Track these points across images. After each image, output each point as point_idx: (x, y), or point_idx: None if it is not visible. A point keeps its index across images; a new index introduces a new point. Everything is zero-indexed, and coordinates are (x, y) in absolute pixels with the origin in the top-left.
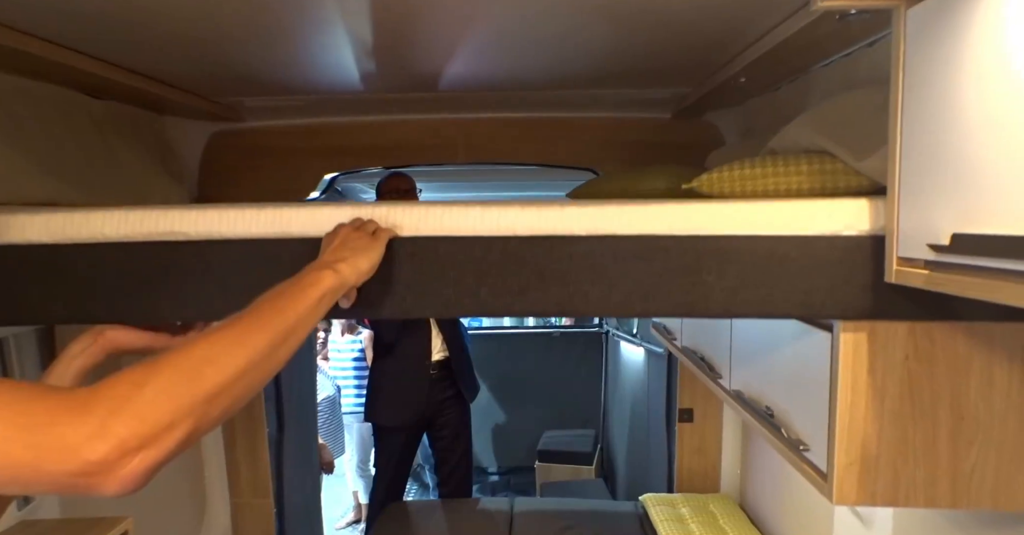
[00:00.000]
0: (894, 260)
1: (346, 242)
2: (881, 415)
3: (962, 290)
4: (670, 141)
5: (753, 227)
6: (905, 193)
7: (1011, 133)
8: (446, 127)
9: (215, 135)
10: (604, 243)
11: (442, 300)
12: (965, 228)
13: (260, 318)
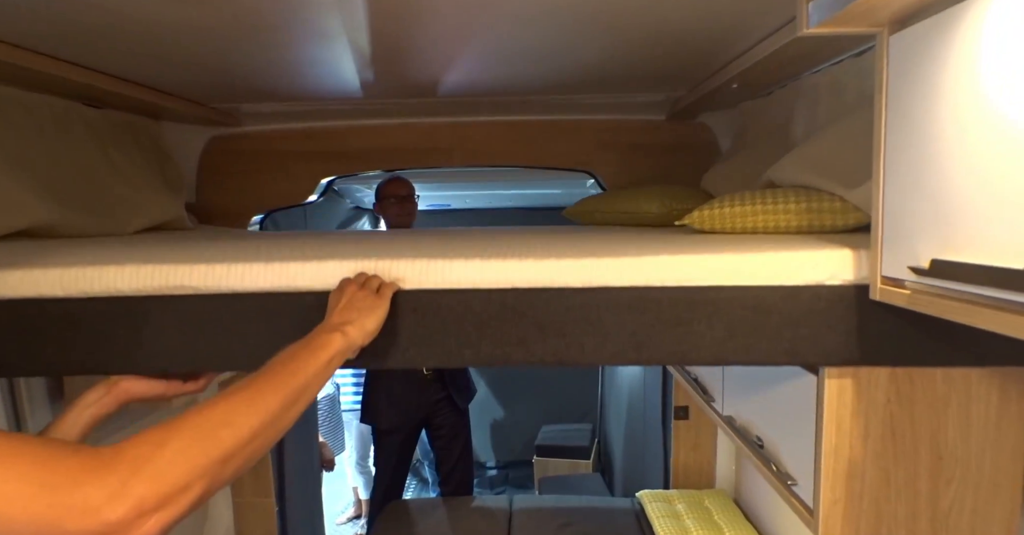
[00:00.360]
0: (878, 279)
1: (352, 302)
2: (864, 455)
3: (941, 312)
4: (664, 142)
5: (741, 278)
6: (888, 214)
7: (986, 166)
8: (441, 131)
9: (213, 140)
10: (599, 295)
11: (444, 351)
12: (943, 254)
13: (273, 380)
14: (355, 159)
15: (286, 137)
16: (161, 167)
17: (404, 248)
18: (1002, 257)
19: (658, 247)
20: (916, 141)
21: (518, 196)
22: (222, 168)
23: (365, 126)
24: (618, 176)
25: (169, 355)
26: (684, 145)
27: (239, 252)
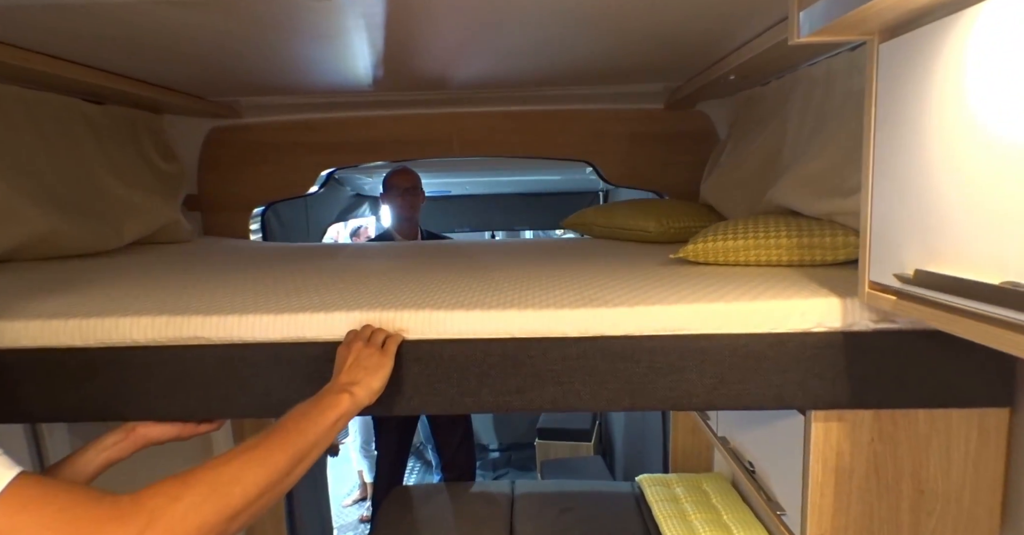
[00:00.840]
0: (866, 283)
1: (359, 361)
2: (850, 491)
3: (923, 319)
4: (662, 131)
5: (731, 326)
6: (876, 221)
7: (970, 179)
8: (441, 122)
9: (213, 131)
10: (595, 344)
11: (446, 399)
12: (927, 265)
13: (284, 439)
14: (356, 151)
15: (286, 129)
16: (162, 163)
17: (406, 292)
18: (982, 271)
19: (652, 293)
20: (904, 150)
21: (518, 182)
22: (223, 160)
23: (365, 118)
24: (617, 165)
25: (183, 402)
26: (682, 134)
27: (248, 301)
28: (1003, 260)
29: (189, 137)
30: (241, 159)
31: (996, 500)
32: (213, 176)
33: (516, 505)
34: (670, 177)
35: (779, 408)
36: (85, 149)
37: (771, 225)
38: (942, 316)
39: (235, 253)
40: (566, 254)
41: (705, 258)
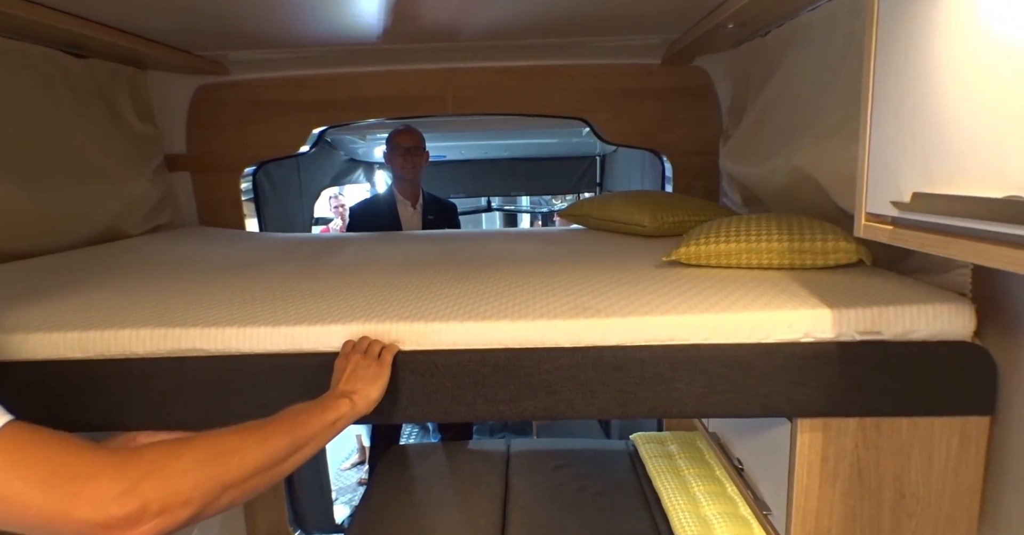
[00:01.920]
0: (863, 216)
1: (357, 371)
2: (833, 494)
3: (920, 245)
4: (660, 87)
5: (721, 336)
6: (875, 151)
7: (976, 85)
8: (435, 79)
9: (201, 89)
10: (586, 354)
11: (441, 408)
12: (925, 188)
13: (284, 426)
14: (347, 108)
15: (276, 86)
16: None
17: (401, 300)
18: (983, 189)
19: (643, 301)
20: (907, 72)
21: (514, 146)
22: (211, 119)
23: (356, 74)
24: (613, 123)
25: (183, 412)
26: (680, 90)
27: (246, 311)
28: (1005, 173)
29: (176, 95)
30: (230, 118)
31: (974, 503)
32: (202, 135)
33: (511, 462)
34: (667, 134)
35: (766, 416)
36: (61, 106)
37: (763, 227)
38: (939, 240)
39: (229, 250)
40: (561, 253)
41: (698, 261)
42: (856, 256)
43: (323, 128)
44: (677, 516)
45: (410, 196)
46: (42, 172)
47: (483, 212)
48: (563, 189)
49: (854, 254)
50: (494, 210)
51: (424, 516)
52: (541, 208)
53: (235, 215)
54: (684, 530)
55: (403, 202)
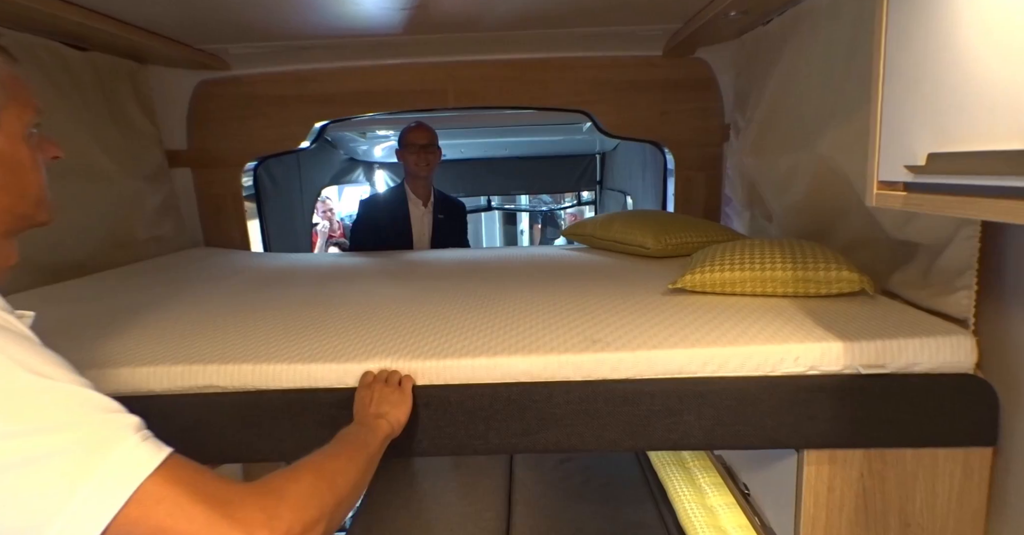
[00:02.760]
0: (875, 185)
1: (384, 397)
2: (840, 523)
3: (936, 208)
4: (661, 79)
5: (728, 369)
6: (887, 117)
7: (1004, 38)
8: (436, 72)
9: (202, 84)
10: (597, 388)
11: (455, 442)
12: (941, 148)
13: (354, 447)
14: (348, 102)
15: (276, 81)
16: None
17: (412, 333)
18: (1004, 141)
19: (651, 333)
20: (922, 25)
21: (514, 144)
22: (212, 114)
23: (357, 68)
24: (614, 115)
25: (200, 448)
26: (681, 82)
27: (260, 347)
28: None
29: (177, 91)
30: (231, 113)
31: (978, 532)
32: (203, 131)
33: (516, 455)
34: (669, 126)
35: (773, 448)
36: (63, 98)
37: (767, 255)
38: (956, 201)
39: (237, 277)
40: (566, 277)
41: (703, 288)
42: (859, 285)
43: (324, 123)
44: (683, 507)
45: (422, 195)
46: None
47: (483, 211)
48: (563, 188)
49: (857, 283)
50: (494, 209)
51: (429, 510)
52: (540, 208)
53: (236, 212)
54: (691, 520)
55: (414, 201)
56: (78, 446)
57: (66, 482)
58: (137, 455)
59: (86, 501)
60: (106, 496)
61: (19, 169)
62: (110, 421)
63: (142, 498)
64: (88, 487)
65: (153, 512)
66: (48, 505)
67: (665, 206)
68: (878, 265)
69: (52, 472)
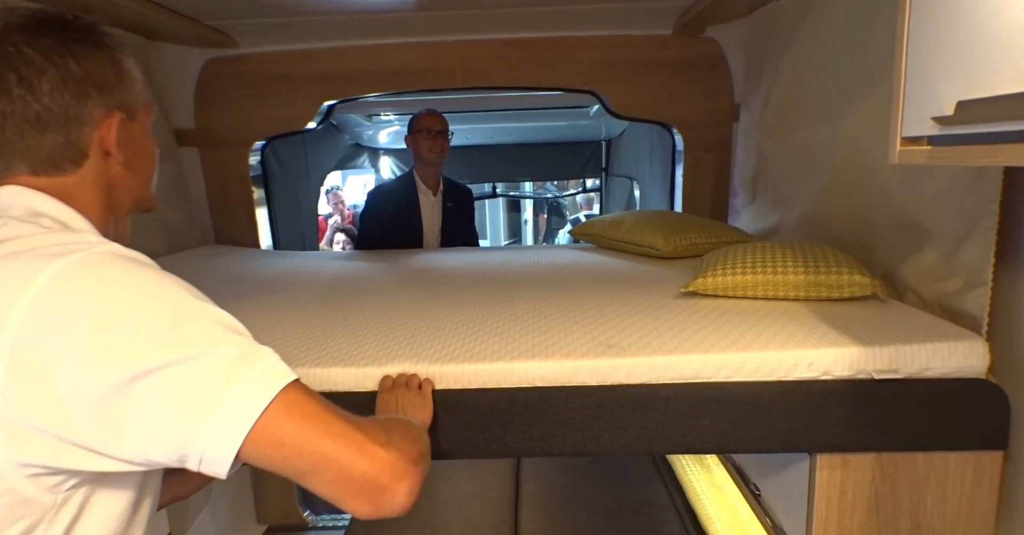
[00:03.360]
0: (897, 141)
1: (406, 400)
2: (852, 525)
3: (963, 159)
4: (671, 59)
5: (743, 374)
6: (911, 70)
7: None
8: (444, 51)
9: (209, 62)
10: (613, 392)
11: (472, 445)
12: (970, 95)
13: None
14: (355, 81)
15: (284, 59)
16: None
17: (429, 337)
18: None
19: (665, 337)
20: None
21: (519, 130)
22: (220, 93)
23: (365, 47)
24: (623, 96)
25: None
26: (691, 62)
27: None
28: None
29: (185, 69)
30: (238, 92)
31: (988, 534)
32: (210, 110)
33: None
34: (678, 107)
35: (786, 452)
36: None
37: (778, 258)
38: (987, 150)
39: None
40: (578, 279)
41: (715, 291)
42: (871, 290)
43: (332, 102)
44: (692, 485)
45: (432, 183)
46: None
47: (487, 199)
48: (568, 175)
49: (869, 288)
50: (499, 196)
51: (438, 489)
52: (544, 195)
53: (244, 194)
54: (699, 498)
55: (424, 190)
56: (231, 355)
57: (222, 380)
58: (279, 367)
59: (236, 399)
60: (255, 393)
61: (148, 157)
62: (254, 344)
63: (284, 398)
64: (239, 386)
65: (295, 412)
66: (206, 398)
67: (673, 189)
68: (893, 254)
69: (210, 372)
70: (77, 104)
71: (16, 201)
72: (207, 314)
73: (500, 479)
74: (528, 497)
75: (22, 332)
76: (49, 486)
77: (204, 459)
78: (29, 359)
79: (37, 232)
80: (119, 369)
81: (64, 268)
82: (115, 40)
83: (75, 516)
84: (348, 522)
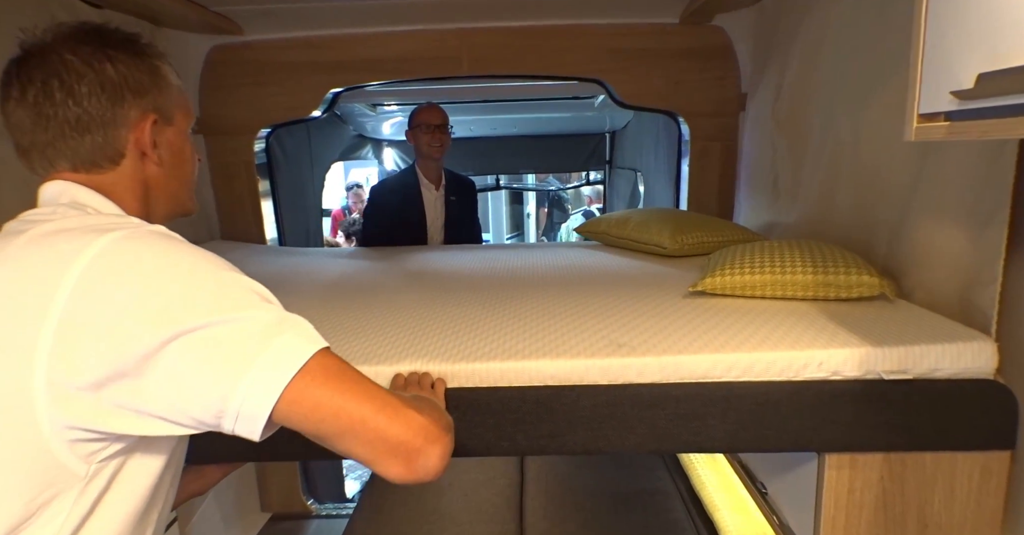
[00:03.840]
0: (914, 119)
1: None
2: (859, 524)
3: (982, 133)
4: (677, 47)
5: (753, 374)
6: (930, 44)
7: None
8: (450, 38)
9: (215, 49)
10: (623, 391)
11: (483, 443)
12: (991, 67)
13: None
14: (361, 69)
15: (290, 47)
16: None
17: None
18: None
19: (675, 337)
20: None
21: (523, 121)
22: (225, 80)
23: (370, 34)
24: (629, 84)
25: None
26: (698, 51)
27: None
28: None
29: (190, 56)
30: (243, 79)
31: (995, 531)
32: (215, 97)
33: None
34: (685, 96)
35: (795, 451)
36: None
37: (787, 257)
38: (1006, 123)
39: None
40: (584, 279)
41: (723, 291)
42: (879, 290)
43: (337, 90)
44: (696, 473)
45: (434, 178)
46: None
47: (490, 191)
48: (572, 167)
49: (877, 288)
50: (502, 188)
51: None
52: (548, 187)
53: (249, 183)
54: (704, 486)
55: (426, 185)
56: (268, 319)
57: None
58: (312, 334)
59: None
60: (291, 354)
61: (186, 161)
62: (287, 312)
63: (320, 361)
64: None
65: (330, 374)
66: (244, 356)
67: (679, 180)
68: (901, 251)
69: (248, 333)
70: (112, 107)
71: (63, 192)
72: (244, 284)
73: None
74: (533, 484)
75: (72, 299)
76: (86, 454)
77: (240, 416)
78: (79, 324)
79: (85, 215)
80: (164, 328)
81: (113, 241)
82: (154, 49)
83: (103, 490)
84: (352, 509)
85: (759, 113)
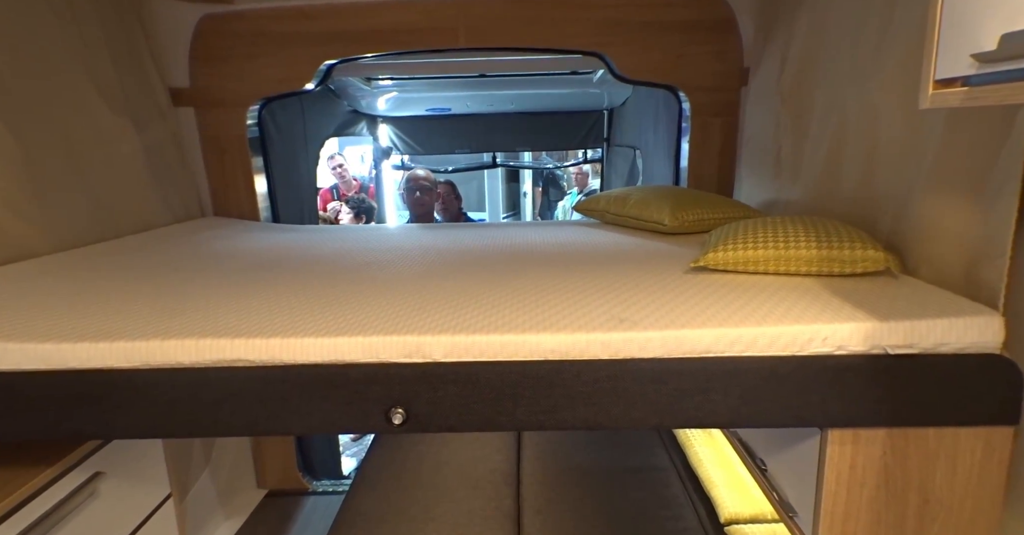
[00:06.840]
0: (930, 85)
1: None
2: (860, 500)
3: (1003, 98)
4: (679, 20)
5: (756, 349)
6: (948, 7)
7: None
8: (447, 10)
9: (204, 19)
10: (625, 366)
11: (482, 419)
12: (1015, 26)
13: None
14: (355, 41)
15: (282, 17)
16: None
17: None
18: None
19: (677, 311)
20: None
21: (520, 98)
22: (216, 51)
23: (365, 4)
24: (630, 58)
25: (229, 420)
26: (700, 23)
27: (287, 320)
28: None
29: (179, 25)
30: (235, 51)
31: (996, 508)
32: (205, 69)
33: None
34: (686, 70)
35: (799, 426)
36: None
37: (790, 233)
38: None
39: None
40: (584, 255)
41: (725, 266)
42: (884, 264)
43: (331, 63)
44: (693, 450)
45: None
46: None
47: (487, 168)
48: (569, 145)
49: (882, 263)
50: (498, 166)
51: (438, 453)
52: (545, 165)
53: (242, 158)
54: (701, 463)
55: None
56: None
57: None
58: None
59: None
60: None
61: None
62: None
63: None
64: None
65: None
66: None
67: (679, 156)
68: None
69: None
70: None
71: None
72: None
73: (502, 442)
74: (529, 461)
75: None
76: None
77: None
78: None
79: None
80: None
81: None
82: None
83: None
84: (348, 486)
85: (762, 87)
